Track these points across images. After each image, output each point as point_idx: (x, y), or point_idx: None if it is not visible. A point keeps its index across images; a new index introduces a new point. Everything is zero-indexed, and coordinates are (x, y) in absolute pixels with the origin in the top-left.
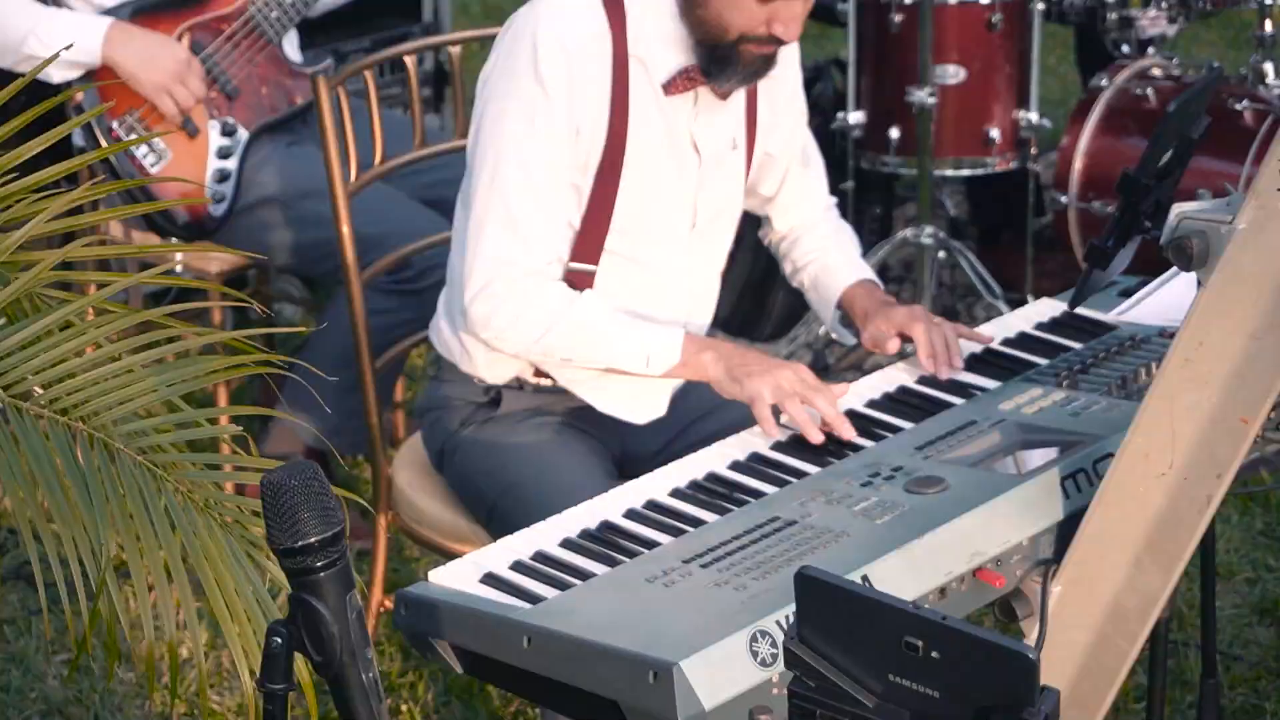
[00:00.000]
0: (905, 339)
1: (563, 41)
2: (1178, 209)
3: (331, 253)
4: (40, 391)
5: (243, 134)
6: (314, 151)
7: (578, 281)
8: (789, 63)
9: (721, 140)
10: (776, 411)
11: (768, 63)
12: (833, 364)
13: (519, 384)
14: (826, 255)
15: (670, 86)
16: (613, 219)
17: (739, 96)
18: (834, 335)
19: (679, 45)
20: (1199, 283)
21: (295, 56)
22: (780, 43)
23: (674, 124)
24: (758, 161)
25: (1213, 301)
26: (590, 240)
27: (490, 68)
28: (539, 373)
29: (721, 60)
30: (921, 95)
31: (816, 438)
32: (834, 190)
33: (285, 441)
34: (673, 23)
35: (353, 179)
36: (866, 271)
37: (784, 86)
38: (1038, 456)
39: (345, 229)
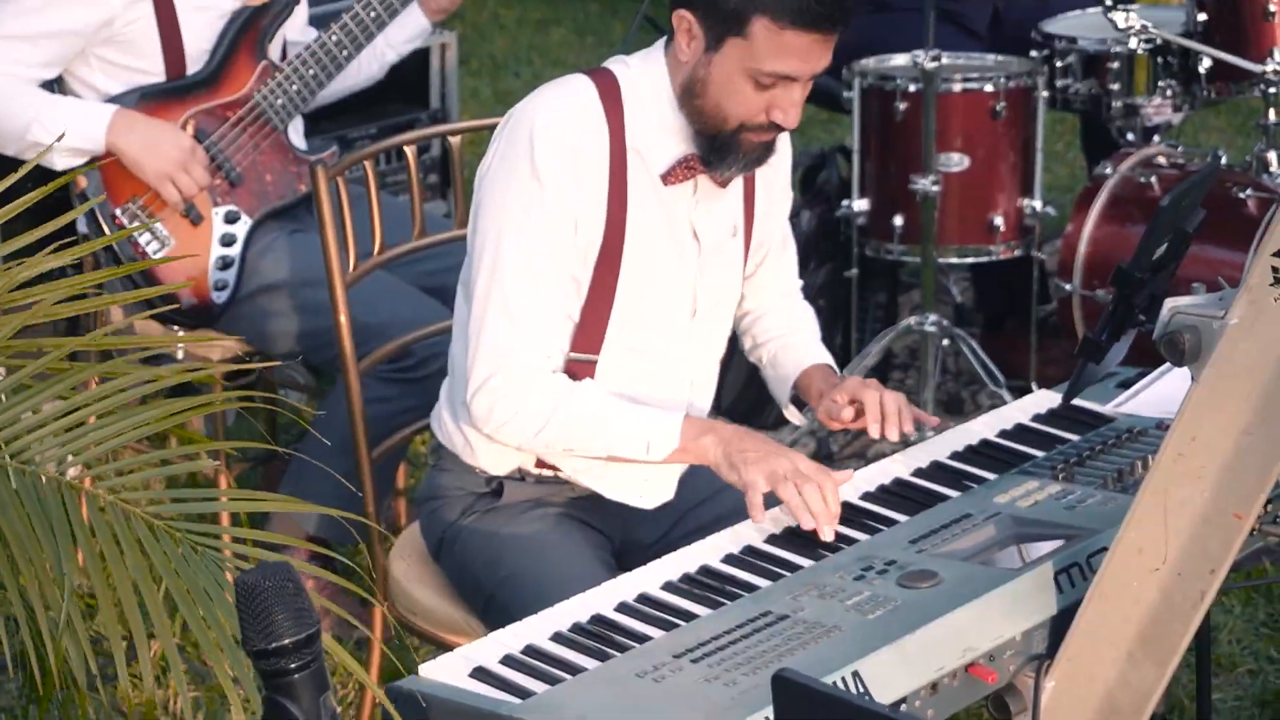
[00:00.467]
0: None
1: (560, 135)
2: (1170, 303)
3: (334, 340)
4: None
5: (246, 221)
6: (317, 239)
7: (579, 372)
8: (784, 152)
9: (722, 227)
10: (774, 499)
11: (768, 150)
12: (836, 451)
13: (521, 475)
14: (788, 336)
15: (669, 176)
16: (613, 309)
17: (737, 183)
18: (785, 414)
19: (678, 135)
20: (1192, 377)
21: (300, 144)
22: (780, 129)
23: (673, 213)
24: (754, 247)
25: (1205, 396)
26: (591, 330)
27: (489, 160)
28: (541, 463)
29: (722, 149)
30: (925, 183)
31: (808, 523)
32: (838, 278)
33: (285, 529)
34: (671, 113)
35: (351, 268)
36: (826, 356)
37: (779, 173)
38: (1032, 550)
39: (343, 318)
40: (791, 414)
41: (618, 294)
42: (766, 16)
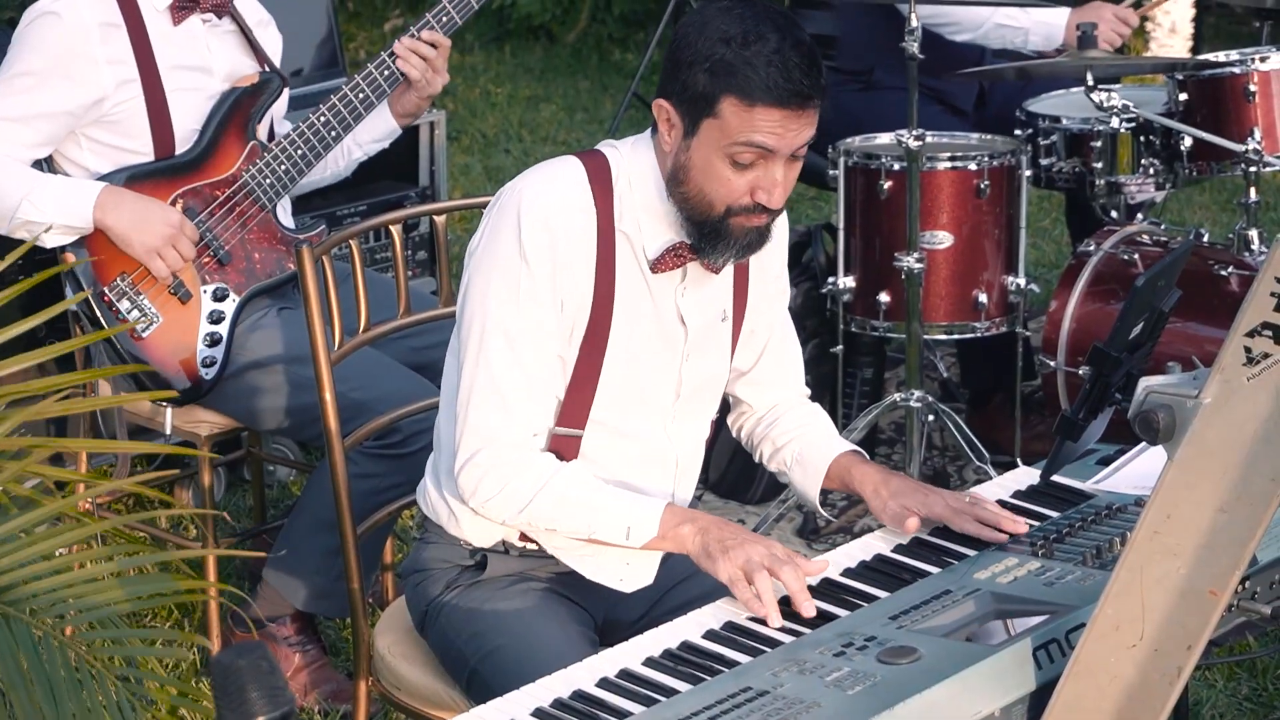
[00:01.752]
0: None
1: (547, 216)
2: (1144, 383)
3: (320, 417)
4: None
5: (234, 298)
6: (305, 316)
7: (565, 446)
8: (779, 239)
9: (710, 313)
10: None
11: (761, 236)
12: (823, 527)
13: (505, 548)
14: (811, 431)
15: (658, 264)
16: (598, 388)
17: (728, 268)
18: (818, 516)
19: (667, 221)
20: (1167, 456)
21: (288, 222)
22: (768, 211)
23: (660, 298)
24: (744, 334)
25: (1180, 475)
26: (576, 407)
27: (478, 238)
28: (525, 537)
29: (712, 236)
30: (909, 261)
31: (775, 621)
32: (824, 354)
33: (273, 605)
34: (660, 199)
35: (337, 345)
36: (851, 445)
37: (774, 261)
38: (1011, 626)
39: (328, 395)
40: (824, 514)
41: (603, 373)
42: (734, 95)
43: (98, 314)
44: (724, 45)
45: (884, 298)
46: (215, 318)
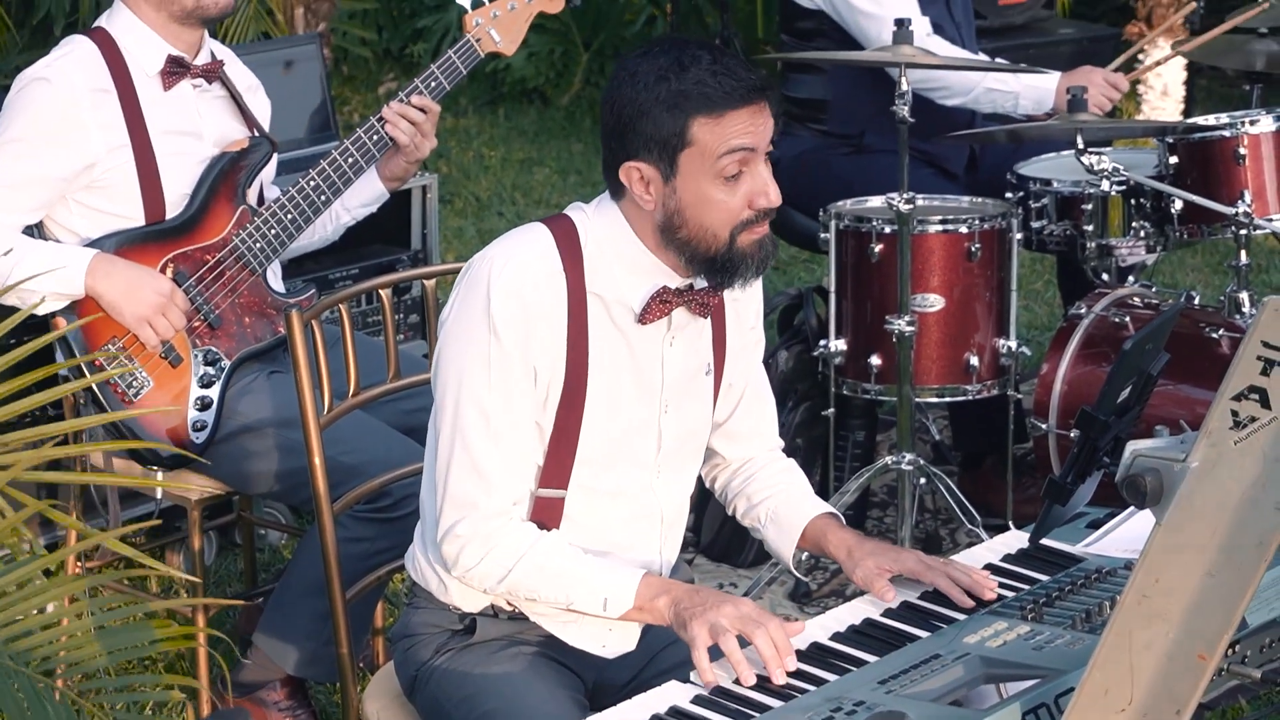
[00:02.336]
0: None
1: (516, 288)
2: (1132, 446)
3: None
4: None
5: (225, 362)
6: (295, 380)
7: (549, 509)
8: (754, 292)
9: (693, 364)
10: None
11: (768, 248)
12: (815, 590)
13: (494, 611)
14: (787, 490)
15: (646, 315)
16: (578, 451)
17: (708, 321)
18: (791, 570)
19: (646, 273)
20: (1155, 519)
21: (279, 287)
22: (769, 214)
23: (642, 351)
24: (723, 386)
25: (1168, 539)
26: (557, 469)
27: (448, 310)
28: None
29: (726, 265)
30: (901, 324)
31: (748, 679)
32: (816, 417)
33: (263, 669)
34: (636, 252)
35: (326, 409)
36: (827, 507)
37: (749, 311)
38: (1000, 691)
39: (317, 459)
40: (796, 570)
41: (582, 435)
42: (700, 115)
43: (88, 377)
44: (666, 81)
45: (875, 361)
46: (206, 381)
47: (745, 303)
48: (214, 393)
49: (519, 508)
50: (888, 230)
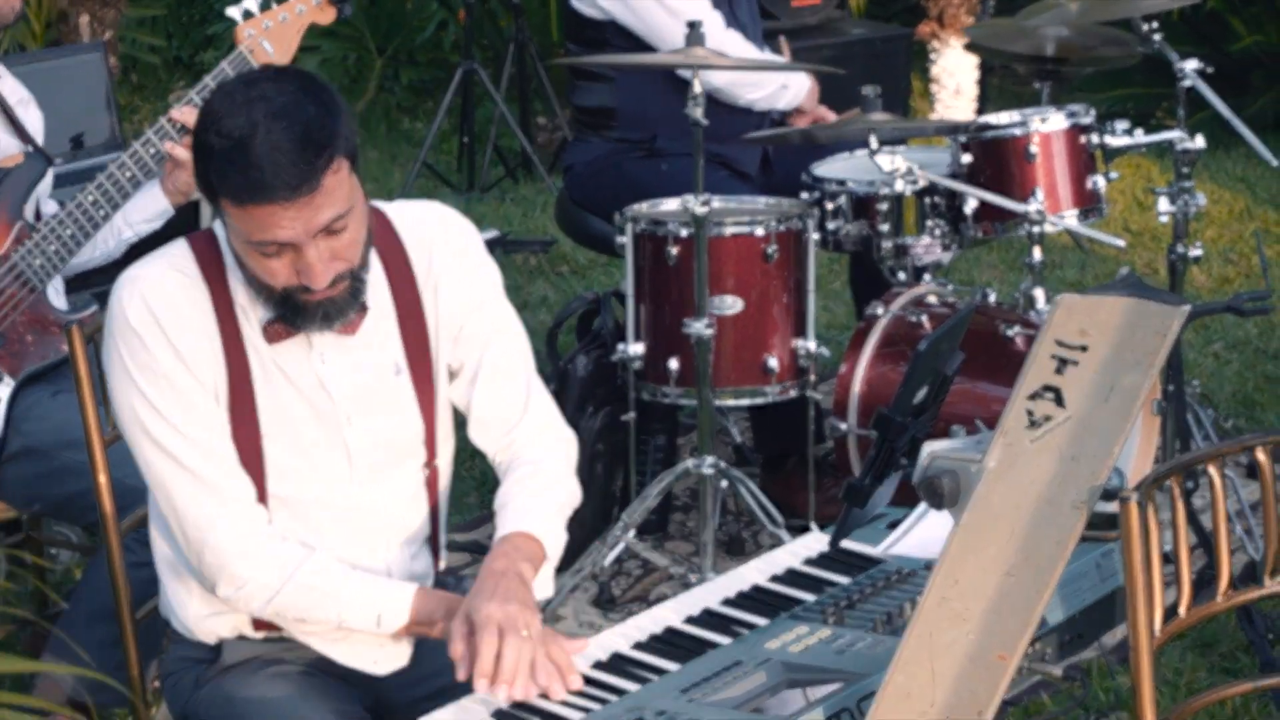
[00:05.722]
0: None
1: (149, 298)
2: (928, 448)
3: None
4: None
5: (9, 382)
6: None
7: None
8: (471, 274)
9: (367, 374)
10: None
11: (341, 304)
12: (619, 596)
13: (240, 637)
14: (512, 499)
15: (269, 334)
16: (265, 465)
17: (390, 322)
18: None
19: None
20: (953, 520)
21: (60, 304)
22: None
23: (294, 369)
24: (440, 376)
25: (966, 540)
26: (253, 482)
27: (104, 341)
28: (260, 625)
29: (295, 310)
30: (699, 327)
31: (481, 687)
32: (616, 422)
33: (49, 694)
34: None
35: (111, 428)
36: (531, 523)
37: (469, 293)
38: (803, 696)
39: (103, 479)
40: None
41: (264, 449)
42: (226, 198)
43: None
44: (216, 139)
45: (674, 364)
46: None
47: (456, 287)
48: None
49: (260, 508)
50: (684, 233)
